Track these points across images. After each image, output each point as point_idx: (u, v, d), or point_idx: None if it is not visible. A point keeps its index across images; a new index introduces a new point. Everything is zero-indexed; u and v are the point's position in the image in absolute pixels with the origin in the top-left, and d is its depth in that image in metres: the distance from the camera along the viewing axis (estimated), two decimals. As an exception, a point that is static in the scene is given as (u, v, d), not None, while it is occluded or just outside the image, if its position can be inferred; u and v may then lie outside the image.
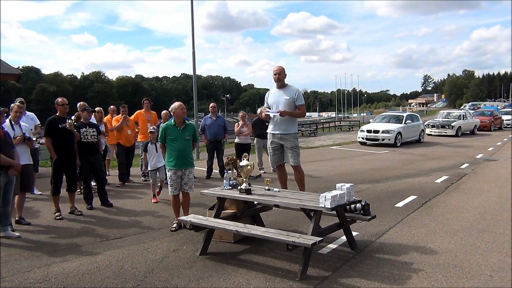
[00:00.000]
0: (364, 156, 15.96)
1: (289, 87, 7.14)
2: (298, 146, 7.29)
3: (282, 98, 7.02)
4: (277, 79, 7.07)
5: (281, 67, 7.14)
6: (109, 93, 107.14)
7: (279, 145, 7.15)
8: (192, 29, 17.88)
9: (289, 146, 7.05)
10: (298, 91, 7.13)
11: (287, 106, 6.97)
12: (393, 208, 7.50)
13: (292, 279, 4.46)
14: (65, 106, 7.08)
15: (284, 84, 7.13)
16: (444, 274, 4.60)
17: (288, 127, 7.08)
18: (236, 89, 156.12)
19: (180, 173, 6.20)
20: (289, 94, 7.00)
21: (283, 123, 7.03)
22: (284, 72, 7.13)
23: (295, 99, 7.00)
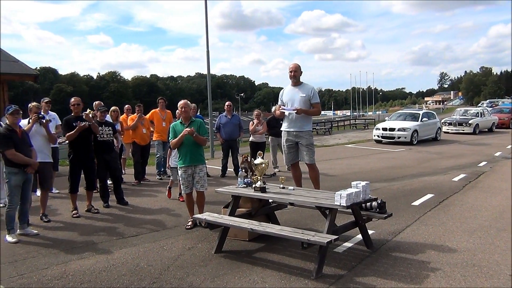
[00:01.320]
0: (379, 154, 15.82)
1: (305, 85, 7.10)
2: (313, 144, 7.24)
3: (297, 96, 6.99)
4: (292, 76, 7.04)
5: (297, 65, 7.10)
6: (124, 92, 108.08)
7: (294, 143, 7.12)
8: (206, 29, 17.93)
9: (304, 143, 7.01)
10: (314, 89, 7.10)
11: (302, 104, 6.93)
12: (410, 207, 7.41)
13: (307, 278, 4.44)
14: (78, 106, 7.16)
15: (299, 81, 7.10)
16: (462, 273, 4.53)
17: (303, 125, 7.04)
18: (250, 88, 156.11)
19: (191, 171, 6.16)
20: (304, 92, 6.97)
21: (298, 120, 7.00)
22: (300, 70, 7.10)
23: (311, 97, 6.96)
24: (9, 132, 5.78)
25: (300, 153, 7.11)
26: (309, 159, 7.04)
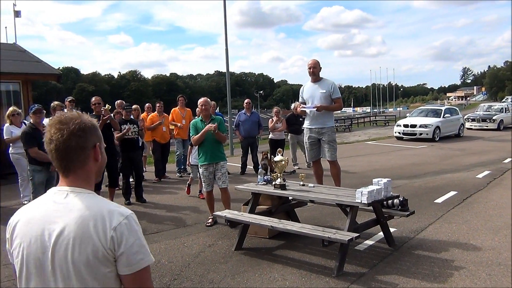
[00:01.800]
0: (401, 151, 15.61)
1: (324, 80, 7.04)
2: (335, 141, 7.17)
3: (317, 92, 6.93)
4: (311, 72, 6.99)
5: (316, 60, 7.05)
6: (144, 91, 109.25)
7: (316, 140, 7.06)
8: (225, 27, 17.95)
9: (326, 140, 6.95)
10: (334, 84, 7.03)
11: (323, 100, 6.87)
12: (432, 204, 7.29)
13: (328, 275, 4.41)
14: (98, 105, 7.26)
15: (319, 77, 7.04)
16: (488, 272, 4.43)
17: (325, 121, 6.98)
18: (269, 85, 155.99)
19: (212, 169, 6.16)
20: (324, 88, 6.91)
21: (320, 117, 6.94)
22: (319, 65, 7.03)
23: (331, 92, 6.90)
24: (33, 131, 5.90)
25: (322, 150, 7.06)
26: (331, 156, 6.98)
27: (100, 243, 1.40)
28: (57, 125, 1.47)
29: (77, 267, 1.40)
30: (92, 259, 1.40)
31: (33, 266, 1.45)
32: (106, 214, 1.44)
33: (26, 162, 6.11)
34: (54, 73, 12.75)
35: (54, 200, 1.48)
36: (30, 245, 1.45)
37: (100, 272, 1.42)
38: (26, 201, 7.48)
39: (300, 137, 11.69)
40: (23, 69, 11.50)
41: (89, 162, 1.53)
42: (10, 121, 7.43)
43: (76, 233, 1.40)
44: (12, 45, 13.67)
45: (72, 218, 1.42)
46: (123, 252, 1.42)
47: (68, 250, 1.40)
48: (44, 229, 1.43)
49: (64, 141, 1.45)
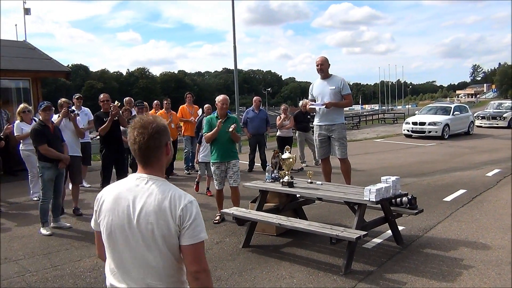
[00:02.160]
0: (409, 149, 15.51)
1: (334, 77, 6.99)
2: (346, 138, 7.12)
3: (327, 89, 6.88)
4: (319, 69, 6.95)
5: (324, 57, 7.00)
6: (153, 88, 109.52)
7: (326, 137, 7.02)
8: (233, 24, 17.93)
9: (336, 137, 6.90)
10: (344, 81, 6.96)
11: (333, 97, 6.82)
12: (441, 202, 7.24)
13: (336, 273, 4.40)
14: (106, 102, 7.28)
15: (328, 74, 6.99)
16: (497, 271, 4.39)
17: (334, 118, 6.93)
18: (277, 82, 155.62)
19: (224, 167, 6.13)
20: (334, 84, 6.86)
21: (330, 113, 6.89)
22: (327, 62, 6.98)
23: (341, 88, 6.85)
24: (42, 128, 5.94)
25: (332, 148, 7.02)
26: (341, 154, 6.94)
27: (172, 219, 1.81)
28: (139, 129, 1.88)
29: (154, 236, 1.81)
30: (165, 230, 1.81)
31: (119, 232, 1.87)
32: (177, 197, 1.86)
33: (36, 159, 6.16)
34: (64, 70, 12.84)
35: (136, 184, 1.91)
36: (118, 217, 1.87)
37: (170, 242, 1.83)
38: (35, 198, 7.56)
39: (308, 134, 11.67)
40: (33, 67, 11.59)
41: (162, 157, 1.95)
42: (21, 118, 7.49)
43: (155, 211, 1.82)
44: (22, 42, 13.77)
45: (152, 199, 1.84)
46: (187, 227, 1.82)
47: (148, 223, 1.82)
48: (130, 205, 1.86)
49: (145, 142, 1.87)
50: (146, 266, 1.86)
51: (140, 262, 1.86)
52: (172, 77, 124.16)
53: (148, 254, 1.84)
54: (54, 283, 4.33)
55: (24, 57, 11.94)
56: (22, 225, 6.38)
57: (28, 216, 6.90)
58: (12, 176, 9.80)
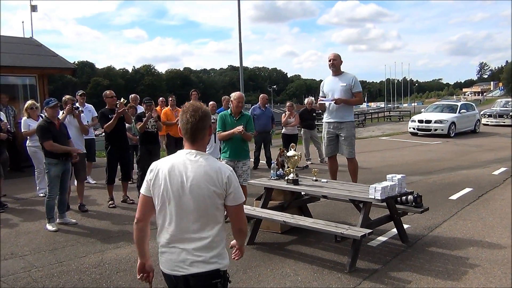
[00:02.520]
0: (415, 147, 15.45)
1: (345, 74, 6.93)
2: (354, 136, 7.06)
3: (338, 86, 6.83)
4: (331, 65, 6.88)
5: (336, 54, 6.93)
6: (158, 85, 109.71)
7: (334, 135, 6.97)
8: (239, 21, 17.94)
9: (344, 135, 6.85)
10: (355, 78, 6.90)
11: (343, 94, 6.77)
12: (447, 201, 7.20)
13: (340, 271, 4.39)
14: (113, 98, 7.31)
15: (340, 71, 6.93)
16: (503, 270, 4.37)
17: (344, 115, 6.88)
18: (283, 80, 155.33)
19: (233, 165, 5.92)
20: (345, 81, 6.81)
21: (339, 110, 6.84)
22: (340, 59, 6.91)
23: (352, 85, 6.79)
24: (48, 125, 5.96)
25: (339, 146, 6.98)
26: (349, 153, 6.90)
27: (218, 185, 2.31)
28: (192, 112, 2.35)
29: (205, 197, 2.30)
30: (212, 194, 2.30)
31: (173, 195, 2.32)
32: (221, 168, 2.36)
33: (42, 155, 6.20)
34: (70, 67, 12.88)
35: (187, 157, 2.36)
36: (173, 182, 2.32)
37: (216, 202, 2.33)
38: (42, 194, 7.60)
39: (313, 132, 11.65)
40: (40, 63, 11.63)
41: (206, 136, 2.43)
42: (28, 115, 7.53)
43: (204, 178, 2.30)
44: (29, 39, 13.83)
45: (201, 169, 2.32)
46: (231, 192, 2.34)
47: (198, 188, 2.29)
48: (183, 173, 2.32)
49: (196, 123, 2.34)
50: (195, 221, 2.32)
51: (190, 219, 2.32)
52: (177, 74, 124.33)
53: (197, 213, 2.31)
54: (60, 278, 4.36)
55: (31, 54, 11.99)
56: (28, 221, 6.42)
57: (34, 212, 6.94)
58: (19, 172, 9.86)
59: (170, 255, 2.37)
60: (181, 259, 2.33)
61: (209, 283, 2.36)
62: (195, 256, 2.32)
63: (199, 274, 2.32)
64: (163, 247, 2.41)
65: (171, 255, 2.36)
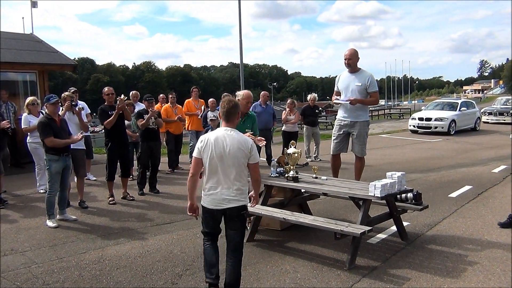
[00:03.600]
0: (415, 144, 15.45)
1: (362, 72, 6.82)
2: (367, 135, 7.01)
3: (353, 84, 6.73)
4: (347, 64, 6.78)
5: (353, 51, 6.81)
6: (159, 82, 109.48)
7: (346, 133, 6.93)
8: (239, 18, 17.91)
9: (357, 133, 6.81)
10: (371, 77, 6.77)
11: (358, 93, 6.69)
12: (447, 199, 7.21)
13: (340, 268, 4.40)
14: (110, 95, 7.29)
15: (356, 68, 6.82)
16: (502, 268, 4.38)
17: (358, 115, 6.83)
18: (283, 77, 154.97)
19: None
20: (361, 80, 6.70)
21: (354, 110, 6.78)
22: (356, 57, 6.78)
23: (367, 85, 6.69)
24: (48, 121, 5.97)
25: (352, 144, 6.93)
26: (361, 152, 6.88)
27: (246, 149, 3.61)
28: (227, 102, 3.74)
29: (238, 157, 3.60)
30: (243, 155, 3.61)
31: (217, 158, 3.58)
32: (247, 139, 3.71)
33: (43, 151, 6.20)
34: (70, 64, 12.88)
35: (225, 132, 3.65)
36: (217, 148, 3.58)
37: (244, 161, 3.64)
38: (42, 190, 7.62)
39: (315, 129, 11.66)
40: (40, 60, 11.63)
41: (235, 119, 3.76)
42: (29, 111, 7.53)
43: (237, 145, 3.59)
44: (29, 35, 13.81)
45: (235, 139, 3.61)
46: (252, 154, 3.65)
47: (235, 151, 3.58)
48: (224, 143, 3.59)
49: (230, 109, 3.70)
50: (231, 174, 3.61)
51: (228, 173, 3.61)
52: (178, 71, 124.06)
53: (233, 169, 3.61)
54: (60, 274, 4.37)
55: (31, 50, 11.98)
56: (28, 217, 6.44)
57: (34, 208, 6.95)
58: (19, 169, 9.86)
59: (214, 195, 3.64)
60: (222, 198, 3.62)
61: (239, 213, 3.68)
62: (232, 196, 3.62)
63: (234, 208, 3.64)
64: (208, 191, 3.66)
65: (215, 196, 3.64)
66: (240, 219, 3.71)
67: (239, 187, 3.62)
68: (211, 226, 3.76)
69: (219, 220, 3.75)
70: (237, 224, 3.70)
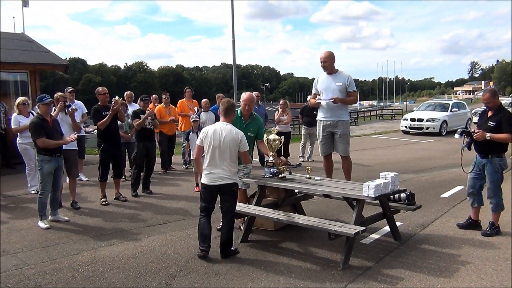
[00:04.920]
0: (407, 145, 15.55)
1: (340, 73, 6.88)
2: (349, 134, 7.07)
3: (333, 85, 6.79)
4: (323, 67, 6.85)
5: (328, 53, 6.85)
6: (151, 83, 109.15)
7: (330, 133, 6.97)
8: (232, 19, 17.90)
9: (340, 133, 6.86)
10: (350, 77, 6.85)
11: (339, 93, 6.74)
12: (439, 199, 7.26)
13: (334, 268, 4.41)
14: (105, 95, 7.25)
15: (334, 70, 6.88)
16: (494, 267, 4.41)
17: (340, 114, 6.88)
18: (276, 78, 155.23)
19: None
20: (340, 80, 6.77)
21: (335, 109, 6.83)
22: (331, 59, 6.83)
23: (347, 85, 6.76)
24: (40, 121, 5.92)
25: (335, 144, 6.99)
26: (344, 151, 6.92)
27: (237, 140, 4.67)
28: (226, 101, 4.94)
29: (230, 146, 4.64)
30: (235, 143, 4.66)
31: (216, 145, 4.61)
32: (239, 132, 4.73)
33: (33, 152, 6.15)
34: (62, 64, 12.77)
35: (223, 126, 4.71)
36: (215, 139, 4.63)
37: (235, 149, 4.68)
38: (33, 191, 7.55)
39: (312, 129, 11.71)
40: (31, 59, 11.52)
41: (232, 116, 4.88)
42: (19, 111, 7.46)
43: (231, 137, 4.65)
44: (21, 35, 13.68)
45: (229, 132, 4.67)
46: (243, 144, 4.71)
47: (228, 141, 4.63)
48: (221, 135, 4.64)
49: (228, 107, 4.82)
50: (225, 159, 4.62)
51: (223, 157, 4.62)
52: (170, 72, 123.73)
53: (227, 155, 4.61)
54: (52, 276, 4.33)
55: (23, 49, 11.87)
56: (20, 218, 6.37)
57: (26, 209, 6.89)
58: (9, 169, 9.77)
59: (212, 174, 4.65)
60: (218, 177, 4.63)
61: (231, 189, 4.69)
62: (225, 175, 4.63)
63: (227, 184, 4.65)
64: (207, 171, 4.67)
65: (212, 175, 4.64)
66: (231, 193, 4.73)
67: (230, 169, 4.67)
68: (208, 201, 4.75)
69: (215, 195, 4.75)
70: (229, 197, 4.73)
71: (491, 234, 5.40)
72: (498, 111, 5.46)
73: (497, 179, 5.46)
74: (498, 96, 5.66)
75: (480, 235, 5.42)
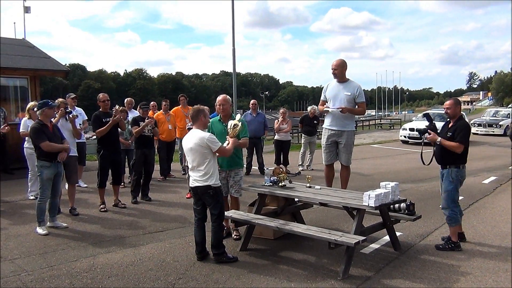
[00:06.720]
0: (406, 154, 15.56)
1: (350, 82, 6.84)
2: (353, 145, 7.04)
3: (342, 94, 6.75)
4: (333, 74, 6.81)
5: (340, 61, 6.82)
6: (150, 89, 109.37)
7: (334, 142, 6.93)
8: (232, 28, 17.98)
9: (344, 143, 6.83)
10: (360, 88, 6.82)
11: (347, 103, 6.71)
12: (439, 209, 7.18)
13: (333, 278, 4.39)
14: (106, 102, 7.26)
15: (344, 78, 6.84)
16: (494, 278, 4.40)
17: (346, 124, 6.85)
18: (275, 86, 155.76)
19: (225, 174, 5.60)
20: (350, 90, 6.74)
21: (342, 119, 6.80)
22: (343, 67, 6.79)
23: (356, 95, 6.72)
24: (40, 126, 5.91)
25: (338, 153, 6.96)
26: (346, 161, 6.91)
27: (203, 143, 4.76)
28: (193, 109, 5.09)
29: (197, 150, 4.80)
30: (201, 147, 4.77)
31: (186, 151, 4.94)
32: (203, 136, 4.79)
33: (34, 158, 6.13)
34: (62, 70, 12.80)
35: (190, 133, 4.94)
36: (184, 147, 4.97)
37: (204, 151, 4.79)
38: (32, 196, 7.53)
39: (312, 138, 11.74)
40: (32, 65, 11.55)
41: (199, 122, 4.93)
42: (29, 115, 7.44)
43: (194, 142, 4.80)
44: (21, 40, 13.73)
45: (194, 137, 4.82)
46: (210, 146, 4.77)
47: (192, 146, 4.82)
48: (187, 142, 4.92)
49: (192, 113, 4.97)
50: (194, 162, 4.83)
51: (193, 161, 4.85)
52: (169, 79, 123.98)
53: (195, 159, 4.83)
54: (50, 283, 4.30)
55: (23, 55, 11.91)
56: (18, 224, 6.34)
57: (24, 215, 6.86)
58: (8, 175, 9.74)
59: (190, 177, 4.95)
60: (193, 179, 4.88)
61: (206, 192, 4.81)
62: (197, 178, 4.83)
63: (200, 186, 4.82)
64: (189, 174, 4.98)
65: (190, 178, 4.94)
66: (208, 196, 4.81)
67: (201, 172, 4.79)
68: (194, 202, 5.03)
69: (198, 197, 4.93)
70: (208, 200, 4.85)
71: (443, 248, 5.24)
72: (457, 121, 5.52)
73: (450, 190, 5.35)
74: (460, 107, 5.66)
75: (481, 246, 5.41)
